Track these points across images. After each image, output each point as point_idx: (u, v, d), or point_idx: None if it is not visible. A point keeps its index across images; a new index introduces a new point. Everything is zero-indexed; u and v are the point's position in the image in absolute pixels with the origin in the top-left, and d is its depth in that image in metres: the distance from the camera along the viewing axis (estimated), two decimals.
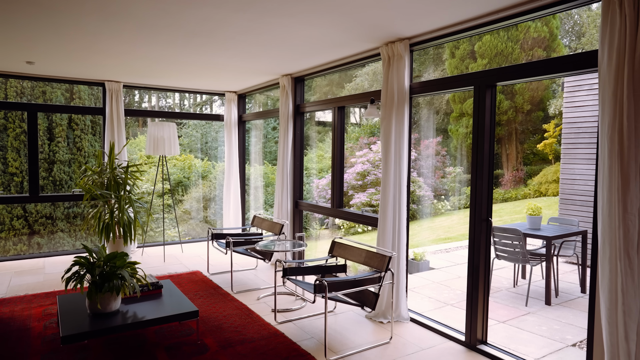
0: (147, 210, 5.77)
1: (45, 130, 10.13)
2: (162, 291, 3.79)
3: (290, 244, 4.61)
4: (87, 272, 3.21)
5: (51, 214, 10.33)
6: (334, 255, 4.08)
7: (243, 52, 4.46)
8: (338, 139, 5.01)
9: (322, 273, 3.98)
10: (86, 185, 5.39)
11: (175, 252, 6.59)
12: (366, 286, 3.41)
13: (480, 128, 3.30)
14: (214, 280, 5.13)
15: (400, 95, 3.88)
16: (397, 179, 3.92)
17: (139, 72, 5.60)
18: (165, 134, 6.02)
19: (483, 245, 3.36)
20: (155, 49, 4.34)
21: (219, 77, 5.91)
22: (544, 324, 4.16)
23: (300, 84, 5.73)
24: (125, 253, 3.26)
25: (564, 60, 2.81)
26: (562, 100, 15.00)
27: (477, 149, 3.33)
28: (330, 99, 5.09)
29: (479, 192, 3.34)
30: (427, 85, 3.80)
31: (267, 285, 4.99)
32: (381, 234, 4.01)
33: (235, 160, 7.28)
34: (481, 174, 3.32)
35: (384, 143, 3.99)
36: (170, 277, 5.18)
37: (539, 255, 4.90)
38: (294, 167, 5.74)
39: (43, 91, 10.31)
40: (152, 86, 6.68)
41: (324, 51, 4.40)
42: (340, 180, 5.04)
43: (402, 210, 3.92)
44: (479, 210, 3.34)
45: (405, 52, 3.82)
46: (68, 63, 5.07)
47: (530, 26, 14.92)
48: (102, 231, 5.43)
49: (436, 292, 5.24)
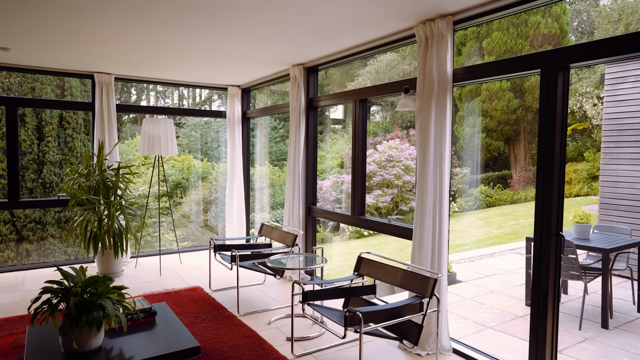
0: (141, 217, 5.12)
1: (34, 129, 9.47)
2: (155, 319, 3.14)
3: (304, 258, 3.96)
4: (61, 300, 2.57)
5: (41, 218, 9.67)
6: (360, 273, 3.44)
7: (251, 35, 3.81)
8: (360, 137, 4.37)
9: (347, 296, 3.34)
10: (71, 190, 4.74)
11: (173, 263, 5.93)
12: (408, 316, 2.77)
13: (550, 121, 2.66)
14: (216, 298, 4.48)
15: (441, 83, 3.24)
16: (437, 184, 3.28)
17: (131, 61, 4.95)
18: (161, 132, 5.36)
19: (552, 266, 2.72)
20: (148, 30, 3.70)
21: (222, 67, 5.26)
22: (609, 355, 3.52)
23: (314, 75, 5.09)
24: (109, 277, 2.61)
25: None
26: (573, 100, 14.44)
27: (546, 146, 2.69)
28: (350, 91, 4.45)
29: (547, 200, 2.70)
30: (477, 71, 3.16)
31: (278, 304, 4.34)
32: (417, 249, 3.37)
33: (239, 161, 6.63)
34: (550, 177, 2.68)
35: (421, 140, 3.34)
36: (167, 295, 4.53)
37: (594, 270, 4.26)
38: (307, 169, 5.10)
39: (32, 87, 9.65)
40: (147, 79, 6.03)
41: (345, 34, 3.75)
42: (362, 185, 4.40)
43: (442, 221, 3.28)
44: (547, 222, 2.70)
45: (448, 31, 3.18)
46: (50, 49, 4.42)
47: (540, 22, 14.38)
48: (89, 242, 4.78)
49: (471, 311, 4.60)
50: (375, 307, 2.69)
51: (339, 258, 10.63)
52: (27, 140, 9.36)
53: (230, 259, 4.19)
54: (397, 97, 3.86)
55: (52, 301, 2.56)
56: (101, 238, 4.78)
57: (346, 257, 10.54)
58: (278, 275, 4.24)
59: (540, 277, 2.75)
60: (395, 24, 3.48)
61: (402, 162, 11.51)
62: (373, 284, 3.40)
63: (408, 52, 15.27)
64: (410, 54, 15.13)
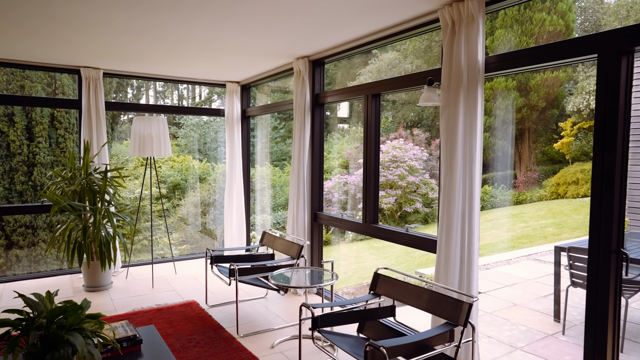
0: (131, 224, 4.68)
1: (23, 129, 9.04)
2: (141, 348, 2.70)
3: (311, 273, 3.52)
4: (22, 334, 2.13)
5: (31, 222, 9.24)
6: (377, 293, 2.99)
7: (250, 22, 3.37)
8: (372, 137, 3.92)
9: (363, 320, 2.89)
10: (53, 196, 4.30)
11: (167, 273, 5.49)
12: (438, 348, 2.33)
13: (611, 115, 2.22)
14: (214, 316, 4.03)
15: (471, 73, 2.80)
16: (466, 190, 2.84)
17: (120, 54, 4.51)
18: (153, 131, 4.92)
19: (612, 289, 2.27)
20: (132, 16, 3.25)
21: (219, 61, 4.82)
22: None
23: (319, 68, 4.65)
24: (80, 306, 2.17)
25: None
26: (580, 98, 14.04)
27: (605, 145, 2.24)
28: (362, 85, 4.01)
29: (605, 210, 2.25)
30: (514, 58, 2.72)
31: (282, 322, 3.90)
32: (443, 265, 2.93)
33: (239, 163, 6.19)
34: (610, 183, 2.24)
35: (448, 138, 2.90)
36: (159, 312, 4.08)
37: (634, 284, 3.82)
38: (312, 172, 4.66)
39: (21, 85, 9.21)
40: (139, 74, 5.59)
41: (355, 20, 3.31)
42: (375, 190, 3.96)
43: (473, 233, 2.84)
44: (606, 237, 2.26)
45: (479, 12, 2.74)
46: (27, 39, 3.98)
47: (545, 19, 14.02)
48: (72, 253, 4.34)
49: (495, 329, 4.16)
50: (400, 339, 2.25)
51: (344, 262, 10.18)
52: (17, 140, 8.91)
53: (229, 273, 3.75)
54: (407, 93, 3.42)
55: (11, 335, 2.12)
56: (86, 248, 4.34)
57: (350, 262, 10.12)
58: (282, 291, 3.80)
59: (596, 302, 2.31)
60: (414, 7, 3.04)
61: (406, 163, 11.18)
62: (392, 305, 2.95)
63: (410, 50, 14.86)
64: (412, 52, 14.73)
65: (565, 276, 4.00)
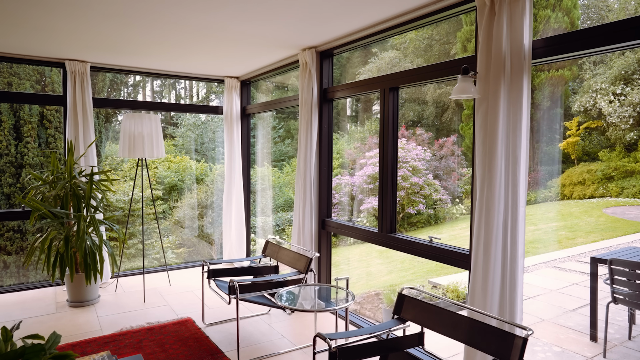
0: (120, 232, 4.23)
1: (10, 128, 8.57)
2: None
3: (322, 291, 3.09)
4: None
5: (20, 226, 8.77)
6: (402, 317, 2.56)
7: (252, 6, 2.93)
8: (390, 135, 3.49)
9: (389, 351, 2.46)
10: (31, 202, 3.85)
11: (161, 284, 5.05)
12: None
13: None
14: (211, 336, 3.59)
15: (515, 60, 2.37)
16: (508, 197, 2.41)
17: (108, 44, 4.06)
18: (144, 130, 4.47)
19: None
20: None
21: (217, 53, 4.38)
22: None
23: (328, 60, 4.21)
24: (42, 347, 1.73)
25: None
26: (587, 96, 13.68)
27: None
28: (377, 77, 3.58)
29: None
30: (572, 40, 2.29)
31: (288, 345, 3.46)
32: (479, 284, 2.50)
33: (238, 163, 5.75)
34: None
35: (485, 137, 2.47)
36: (150, 331, 3.64)
37: None
38: (320, 174, 4.22)
39: (9, 82, 8.76)
40: (130, 68, 5.15)
41: (372, 3, 2.88)
42: (393, 195, 3.52)
43: (517, 248, 2.41)
44: None
45: None
46: (4, 26, 3.54)
47: (550, 16, 13.67)
48: (54, 264, 3.89)
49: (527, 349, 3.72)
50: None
51: (345, 267, 9.75)
52: (4, 140, 8.44)
53: (229, 290, 3.31)
54: (408, 91, 2.99)
55: None
56: (69, 260, 3.89)
57: (353, 266, 9.68)
58: (289, 310, 3.36)
59: None
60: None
61: (409, 163, 10.82)
62: (421, 332, 2.52)
63: (410, 49, 14.49)
64: (412, 51, 14.35)
65: (605, 290, 3.58)
